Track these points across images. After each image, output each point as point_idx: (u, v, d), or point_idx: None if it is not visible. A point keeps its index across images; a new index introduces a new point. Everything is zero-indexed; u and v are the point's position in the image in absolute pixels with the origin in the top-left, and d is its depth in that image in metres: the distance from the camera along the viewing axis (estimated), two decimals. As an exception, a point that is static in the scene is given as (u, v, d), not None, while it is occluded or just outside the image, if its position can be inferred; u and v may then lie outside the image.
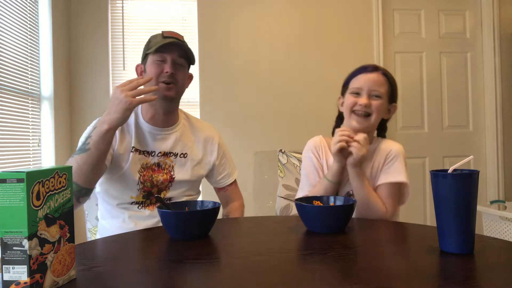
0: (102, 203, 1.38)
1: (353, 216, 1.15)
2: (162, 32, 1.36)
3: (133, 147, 1.32)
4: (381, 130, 1.40)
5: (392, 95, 1.32)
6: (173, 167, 1.37)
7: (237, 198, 1.56)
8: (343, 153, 1.23)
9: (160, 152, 1.35)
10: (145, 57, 1.37)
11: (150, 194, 1.33)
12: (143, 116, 1.37)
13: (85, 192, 1.20)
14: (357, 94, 1.28)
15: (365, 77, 1.28)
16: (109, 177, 1.32)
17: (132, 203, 1.32)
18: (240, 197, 1.58)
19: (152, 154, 1.35)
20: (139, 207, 1.33)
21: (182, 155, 1.39)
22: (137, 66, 1.42)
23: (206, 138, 1.46)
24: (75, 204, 1.16)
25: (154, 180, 1.33)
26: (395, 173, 1.25)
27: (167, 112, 1.38)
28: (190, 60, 1.39)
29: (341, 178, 1.27)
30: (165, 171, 1.35)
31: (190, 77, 1.46)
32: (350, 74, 1.34)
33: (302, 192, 1.34)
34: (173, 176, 1.36)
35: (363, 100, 1.26)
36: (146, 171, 1.33)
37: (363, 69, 1.31)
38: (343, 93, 1.36)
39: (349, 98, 1.29)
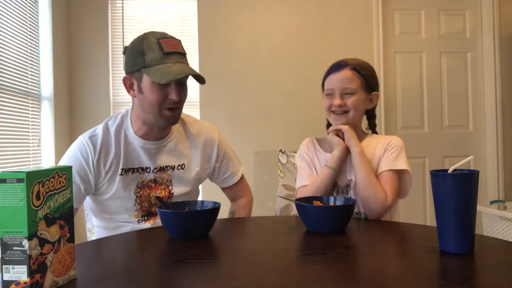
0: (96, 217, 1.34)
1: (354, 198, 1.15)
2: (161, 44, 1.16)
3: (122, 169, 1.23)
4: (371, 118, 1.41)
5: (368, 86, 1.30)
6: (171, 180, 1.29)
7: (245, 194, 1.50)
8: (339, 136, 1.29)
9: (155, 168, 1.27)
10: (137, 70, 1.18)
11: (150, 213, 1.28)
12: (135, 131, 1.26)
13: None
14: (330, 95, 1.31)
15: (334, 77, 1.30)
16: (99, 198, 1.27)
17: (131, 220, 1.27)
18: (248, 193, 1.51)
19: (147, 171, 1.26)
20: (139, 222, 1.27)
21: (179, 167, 1.30)
22: (125, 79, 1.23)
23: (205, 142, 1.36)
24: None
25: (152, 200, 1.26)
26: (396, 162, 1.24)
27: (164, 129, 1.29)
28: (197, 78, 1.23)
29: (341, 165, 1.28)
30: (163, 187, 1.28)
31: None
32: (324, 75, 1.36)
33: (304, 181, 1.32)
34: (172, 192, 1.29)
35: (336, 101, 1.28)
36: (143, 190, 1.26)
37: (332, 69, 1.32)
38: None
39: (325, 100, 1.33)
